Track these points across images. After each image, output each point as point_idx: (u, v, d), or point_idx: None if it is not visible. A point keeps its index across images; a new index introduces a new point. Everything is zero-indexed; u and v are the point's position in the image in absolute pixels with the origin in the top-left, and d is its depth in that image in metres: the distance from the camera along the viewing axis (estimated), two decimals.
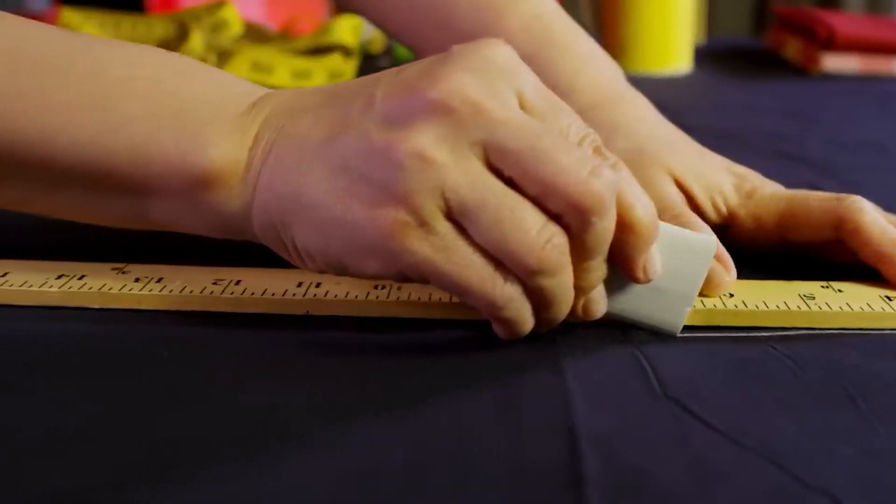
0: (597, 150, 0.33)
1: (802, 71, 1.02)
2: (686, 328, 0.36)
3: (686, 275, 0.35)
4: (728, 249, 0.39)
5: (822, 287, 0.39)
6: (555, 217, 0.31)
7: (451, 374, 0.32)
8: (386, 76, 0.32)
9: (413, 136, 0.30)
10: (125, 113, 0.34)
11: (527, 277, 0.31)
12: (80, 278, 0.39)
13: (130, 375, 0.32)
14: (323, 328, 0.36)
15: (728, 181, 0.44)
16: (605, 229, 0.31)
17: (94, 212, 0.36)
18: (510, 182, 0.30)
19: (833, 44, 0.99)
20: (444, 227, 0.30)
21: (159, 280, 0.39)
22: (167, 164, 0.34)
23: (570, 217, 0.30)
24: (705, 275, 0.35)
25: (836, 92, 0.92)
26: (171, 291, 0.38)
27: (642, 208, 0.32)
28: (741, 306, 0.37)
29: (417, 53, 0.56)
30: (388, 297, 0.37)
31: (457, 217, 0.30)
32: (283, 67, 0.87)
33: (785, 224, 0.42)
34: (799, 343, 0.35)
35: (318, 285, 0.38)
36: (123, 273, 0.40)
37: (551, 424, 0.29)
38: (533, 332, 0.33)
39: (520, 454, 0.27)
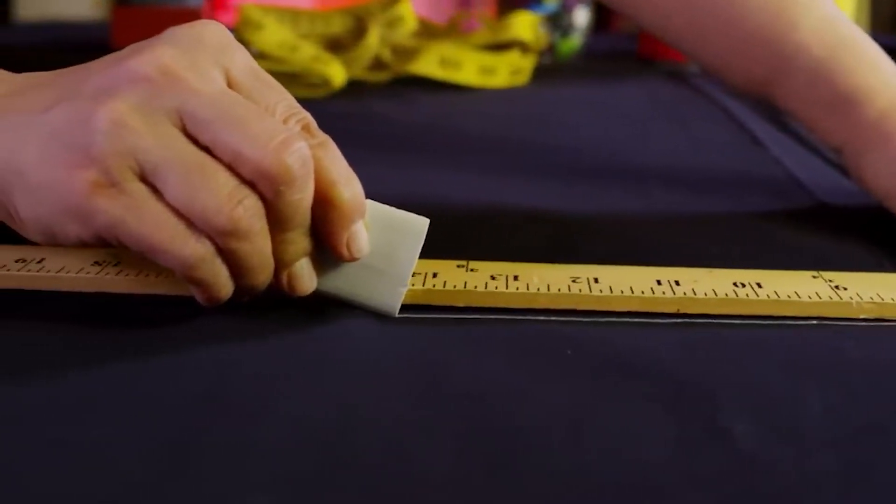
0: (305, 128, 0.34)
1: None
2: None
3: (399, 255, 0.36)
4: None
5: None
6: (249, 185, 0.32)
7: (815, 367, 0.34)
8: (107, 56, 0.35)
9: (112, 103, 0.32)
10: None
11: (218, 238, 0.32)
12: None
13: None
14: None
15: None
16: (296, 201, 0.32)
17: None
18: (207, 151, 0.32)
19: None
20: (136, 187, 0.32)
21: None
22: None
23: (260, 185, 0.32)
24: (417, 256, 0.36)
25: None
26: None
27: (344, 186, 0.33)
28: None
29: (697, 59, 0.57)
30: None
31: (149, 178, 0.32)
32: (471, 63, 0.89)
33: None
34: None
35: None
36: None
37: None
38: (234, 299, 0.34)
39: None
